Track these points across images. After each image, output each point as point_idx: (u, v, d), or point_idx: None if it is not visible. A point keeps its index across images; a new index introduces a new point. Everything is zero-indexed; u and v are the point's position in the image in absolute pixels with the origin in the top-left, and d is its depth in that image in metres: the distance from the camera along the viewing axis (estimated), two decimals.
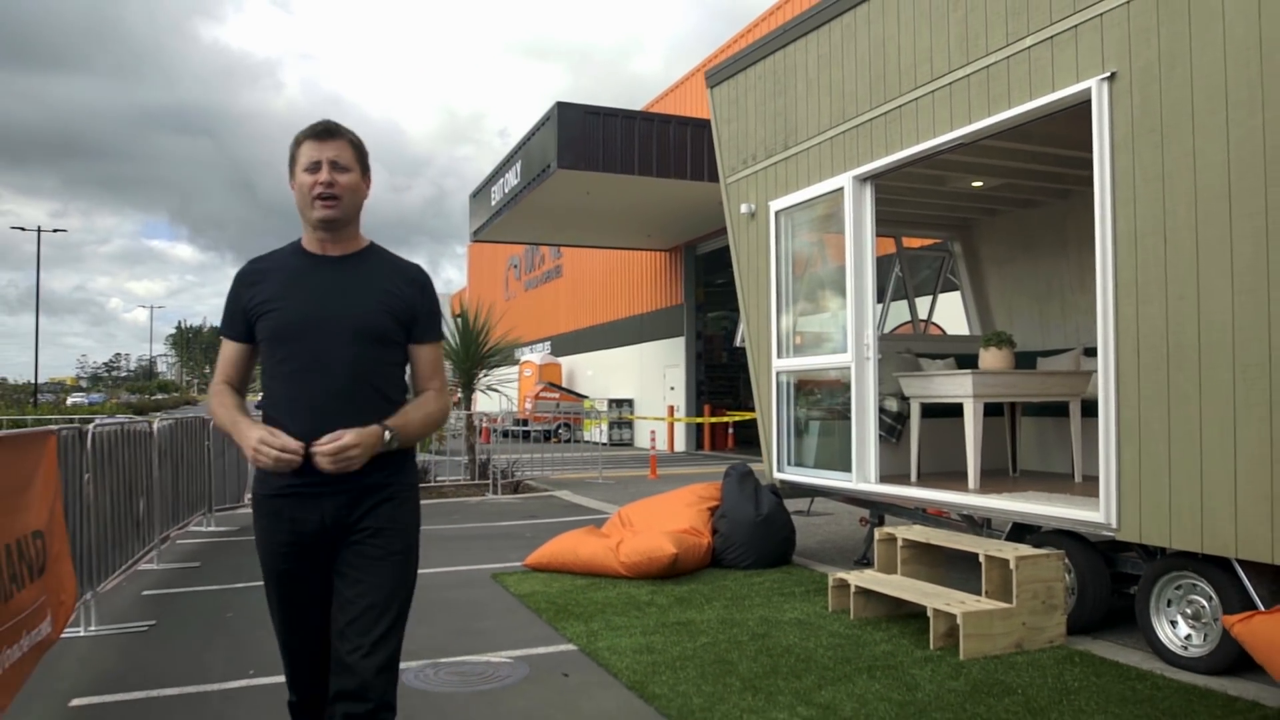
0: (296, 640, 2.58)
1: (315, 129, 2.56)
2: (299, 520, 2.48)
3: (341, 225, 2.56)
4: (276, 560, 2.53)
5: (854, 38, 6.67)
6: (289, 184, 2.60)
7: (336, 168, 2.52)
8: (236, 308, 2.59)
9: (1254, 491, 4.04)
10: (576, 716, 3.95)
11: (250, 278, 2.59)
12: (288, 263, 2.60)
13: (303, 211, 2.56)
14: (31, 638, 3.89)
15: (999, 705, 3.94)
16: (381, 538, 2.51)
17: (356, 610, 2.44)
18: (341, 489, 2.46)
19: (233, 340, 2.61)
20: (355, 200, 2.58)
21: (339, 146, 2.54)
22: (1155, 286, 4.49)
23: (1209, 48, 4.23)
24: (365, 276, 2.59)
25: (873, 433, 6.58)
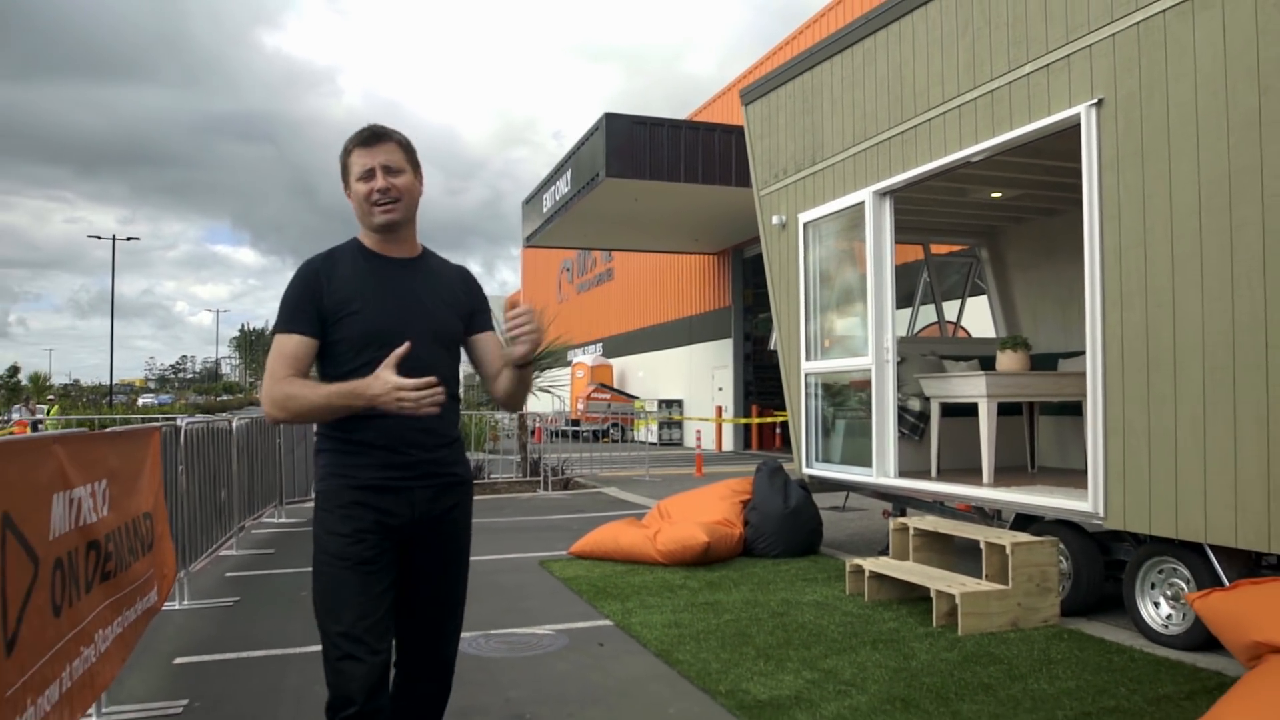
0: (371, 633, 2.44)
1: (363, 135, 2.57)
2: (388, 513, 2.50)
3: (403, 226, 2.60)
4: (362, 549, 2.46)
5: (873, 61, 7.14)
6: (344, 194, 2.63)
7: (390, 171, 2.54)
8: (308, 304, 2.51)
9: (1221, 482, 4.46)
10: (608, 677, 4.50)
11: (323, 274, 2.55)
12: (357, 263, 2.59)
13: (362, 219, 2.59)
14: (143, 603, 4.54)
15: (984, 672, 4.41)
16: (455, 542, 2.66)
17: (434, 609, 2.63)
18: (431, 482, 2.56)
19: (301, 335, 2.50)
20: (412, 200, 2.60)
21: (388, 150, 2.55)
22: (1136, 295, 4.91)
23: (1182, 78, 4.65)
24: (434, 281, 2.65)
25: (892, 430, 7.04)
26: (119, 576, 4.08)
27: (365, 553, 2.47)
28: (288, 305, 2.54)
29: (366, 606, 2.46)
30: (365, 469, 2.49)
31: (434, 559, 2.61)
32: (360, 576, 2.46)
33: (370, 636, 2.44)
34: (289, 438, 10.42)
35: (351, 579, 2.46)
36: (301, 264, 2.62)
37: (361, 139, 2.56)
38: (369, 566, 2.47)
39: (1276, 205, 4.21)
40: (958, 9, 6.23)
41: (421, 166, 2.67)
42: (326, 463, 2.55)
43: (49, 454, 3.20)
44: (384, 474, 2.48)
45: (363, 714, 2.40)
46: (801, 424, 8.08)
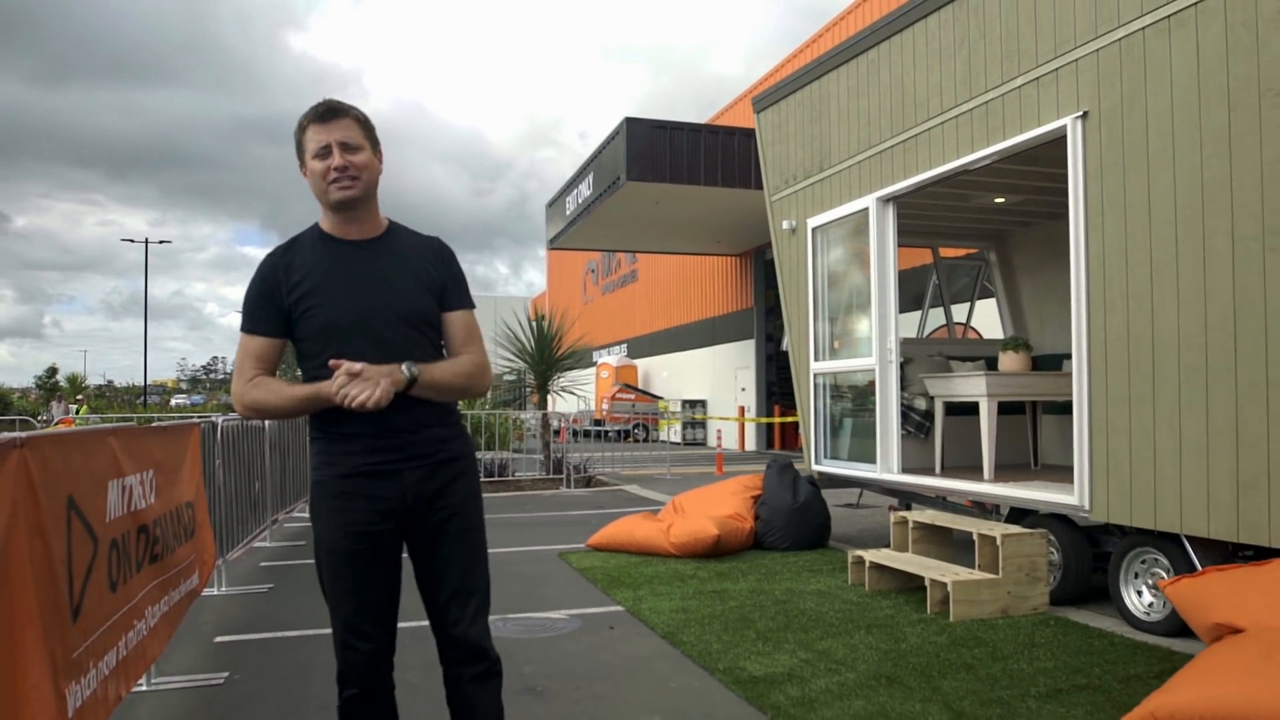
0: (368, 622, 2.54)
1: (318, 111, 2.51)
2: (379, 499, 2.50)
3: (361, 204, 2.53)
4: (351, 541, 2.50)
5: (877, 72, 7.41)
6: (300, 172, 2.57)
7: (347, 148, 2.48)
8: (270, 302, 2.53)
9: (1194, 477, 4.71)
10: (616, 656, 4.81)
11: (282, 271, 2.54)
12: (317, 252, 2.56)
13: (320, 197, 2.53)
14: (186, 586, 4.90)
15: (968, 653, 4.68)
16: (460, 517, 2.61)
17: (451, 588, 2.59)
18: (420, 462, 2.53)
19: (265, 336, 2.53)
20: (371, 177, 2.53)
21: (345, 126, 2.49)
22: (1119, 300, 5.17)
23: (1159, 93, 4.91)
24: (398, 260, 2.58)
25: (895, 428, 7.31)
26: (165, 559, 4.44)
27: (357, 545, 2.50)
28: (248, 304, 2.56)
29: (362, 596, 2.52)
30: (353, 455, 2.49)
31: (441, 538, 2.59)
32: (354, 568, 2.51)
33: (368, 625, 2.53)
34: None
35: (346, 571, 2.52)
36: (263, 258, 2.61)
37: (317, 114, 2.49)
38: (362, 559, 2.51)
39: (1245, 215, 4.45)
40: (954, 23, 6.49)
41: (381, 144, 2.60)
42: (318, 451, 2.57)
43: (105, 444, 3.56)
44: (372, 459, 2.49)
45: (362, 696, 2.56)
46: (811, 422, 8.36)
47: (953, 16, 6.52)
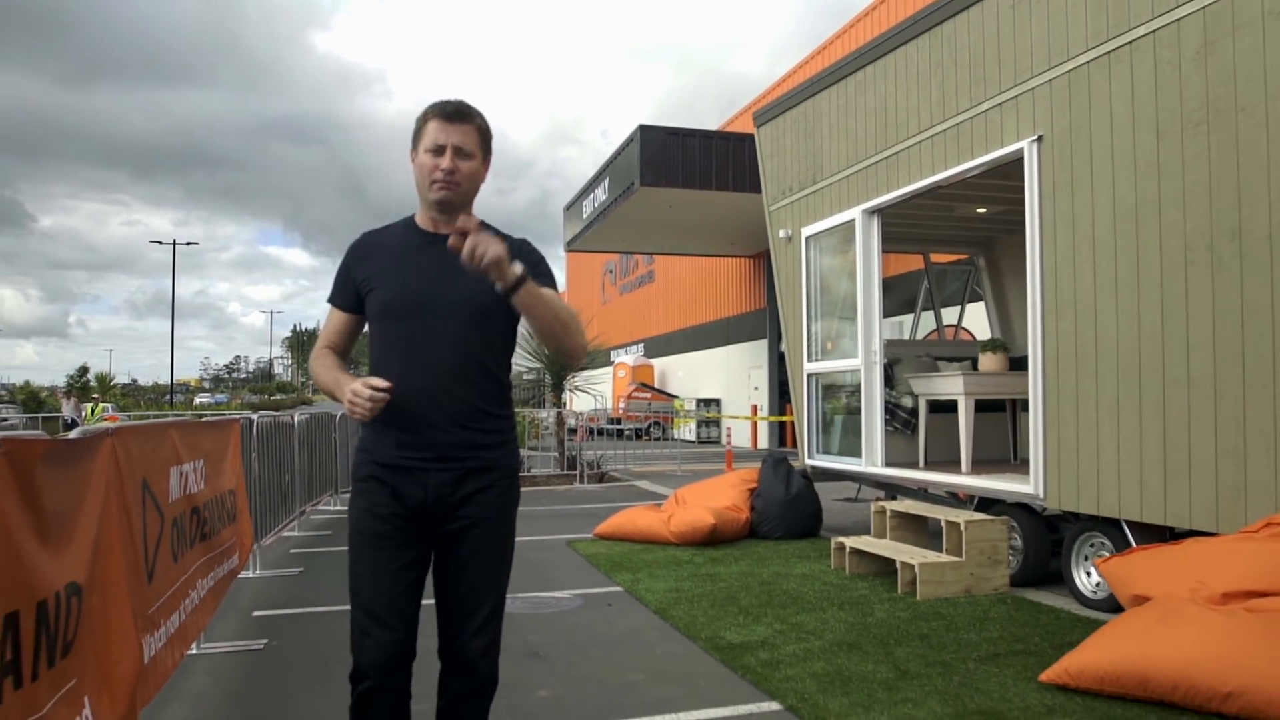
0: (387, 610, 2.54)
1: (446, 109, 2.54)
2: (402, 495, 2.53)
3: (458, 207, 2.56)
4: (377, 523, 2.54)
5: (864, 93, 7.95)
6: (409, 156, 2.61)
7: (460, 154, 2.52)
8: (347, 278, 2.64)
9: (1130, 466, 5.24)
10: (612, 628, 5.39)
11: (362, 251, 2.65)
12: (400, 239, 2.63)
13: (420, 189, 2.58)
14: (228, 565, 5.52)
15: (926, 625, 5.23)
16: (482, 528, 2.57)
17: (460, 597, 2.58)
18: (449, 466, 2.53)
19: (340, 310, 2.67)
20: (473, 185, 2.59)
21: (466, 131, 2.53)
22: (1068, 307, 5.69)
23: (1101, 121, 5.43)
24: None
25: (880, 424, 7.84)
26: (212, 539, 5.06)
27: (380, 527, 2.54)
28: (335, 278, 2.71)
29: (381, 582, 2.53)
30: (384, 447, 2.54)
31: (459, 547, 2.58)
32: (375, 551, 2.54)
33: (387, 613, 2.52)
34: (344, 431, 11.46)
35: (367, 553, 2.56)
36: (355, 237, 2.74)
37: (445, 112, 2.53)
38: (384, 542, 2.54)
39: (1170, 233, 4.97)
40: (930, 50, 7.02)
41: (492, 153, 2.66)
42: (361, 438, 2.65)
43: (168, 436, 4.17)
44: (399, 453, 2.53)
45: (377, 689, 2.54)
46: (804, 419, 8.91)
47: (929, 44, 7.05)
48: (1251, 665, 3.58)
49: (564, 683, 4.33)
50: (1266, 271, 4.48)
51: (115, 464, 3.22)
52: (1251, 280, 4.55)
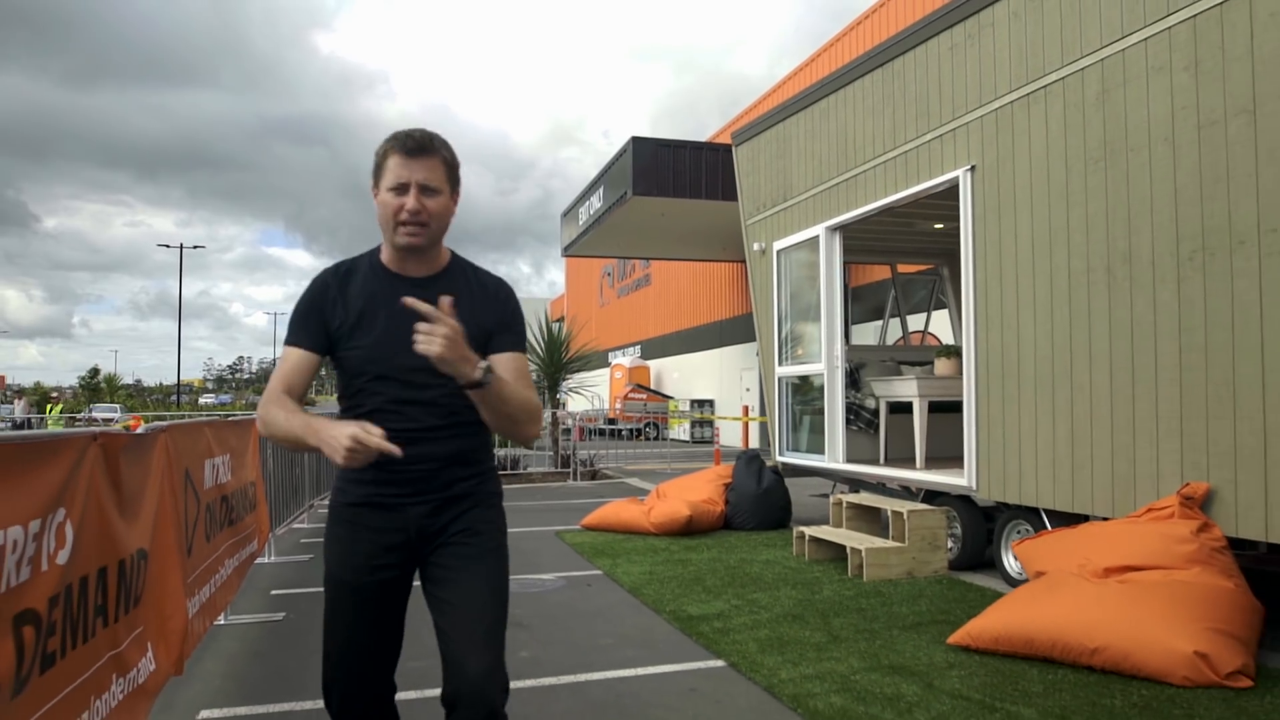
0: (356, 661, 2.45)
1: (407, 144, 2.33)
2: (382, 532, 2.41)
3: (426, 250, 2.41)
4: (354, 574, 2.42)
5: (828, 119, 8.65)
6: (371, 192, 2.40)
7: (426, 191, 2.33)
8: (317, 320, 2.42)
9: (1044, 461, 5.93)
10: (589, 604, 6.08)
11: (334, 290, 2.43)
12: (370, 282, 2.43)
13: (384, 230, 2.39)
14: (249, 549, 6.21)
15: (865, 601, 5.92)
16: (475, 537, 2.45)
17: (458, 612, 2.37)
18: (425, 498, 2.41)
19: (306, 350, 2.41)
20: (442, 225, 2.40)
21: (430, 166, 2.33)
22: (995, 321, 6.39)
23: (1021, 155, 6.13)
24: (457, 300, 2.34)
25: (841, 423, 8.54)
26: (237, 524, 5.76)
27: (354, 577, 2.43)
28: (295, 316, 2.47)
29: (354, 632, 2.44)
30: (363, 485, 2.42)
31: (449, 560, 2.43)
32: (350, 601, 2.44)
33: (358, 663, 2.44)
34: None
35: (341, 603, 2.46)
36: (317, 274, 2.51)
37: (406, 148, 2.33)
38: (359, 592, 2.43)
39: (1076, 255, 5.67)
40: (883, 84, 7.72)
41: (460, 183, 2.47)
42: (336, 478, 2.53)
43: (203, 432, 4.87)
44: (377, 491, 2.41)
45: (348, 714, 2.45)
46: (775, 419, 9.61)
47: (881, 79, 7.75)
48: (1113, 626, 4.27)
49: (543, 646, 5.03)
50: (1150, 291, 5.17)
51: (167, 455, 3.92)
52: (1139, 298, 5.24)
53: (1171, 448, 5.04)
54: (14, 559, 2.24)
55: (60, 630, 2.54)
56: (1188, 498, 4.80)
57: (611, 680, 4.40)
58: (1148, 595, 4.36)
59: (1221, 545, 4.65)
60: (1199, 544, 4.60)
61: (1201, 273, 4.86)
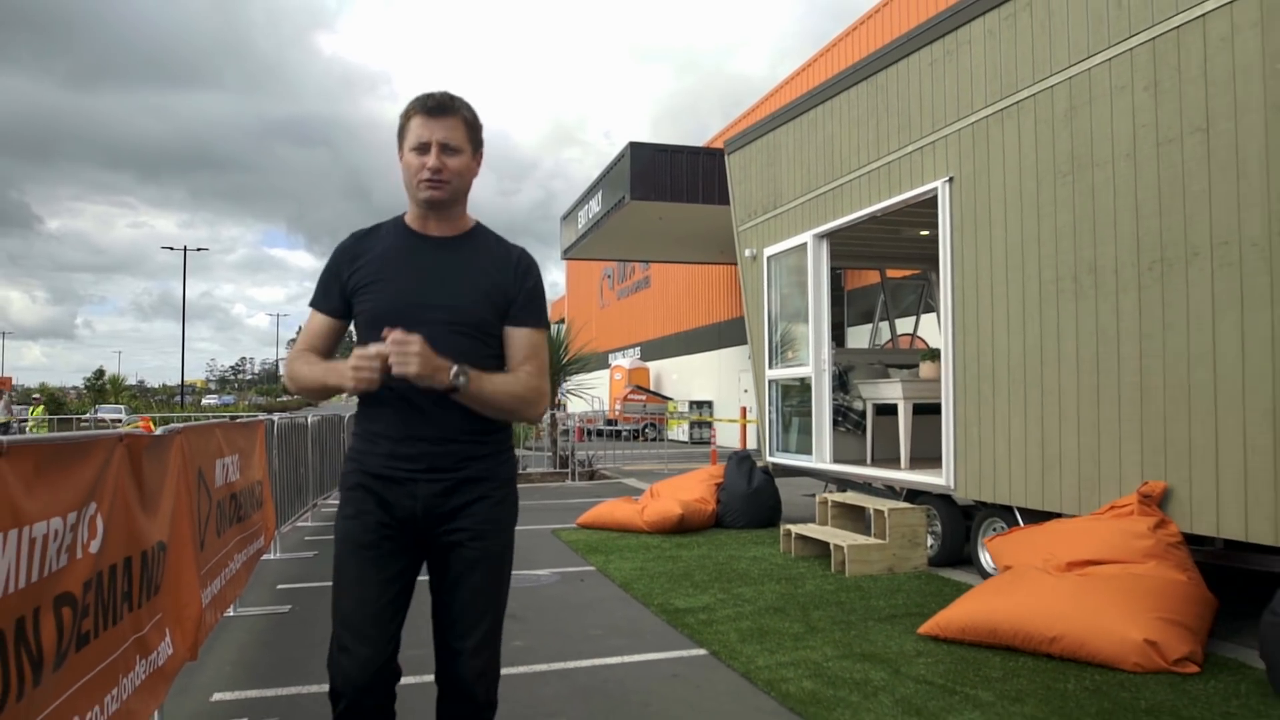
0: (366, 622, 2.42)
1: (428, 104, 2.42)
2: (391, 505, 2.45)
3: (448, 206, 2.48)
4: (362, 532, 2.44)
5: (816, 130, 8.92)
6: (397, 155, 2.50)
7: (447, 150, 2.41)
8: (334, 281, 2.52)
9: (1016, 460, 6.20)
10: (581, 597, 6.35)
11: (352, 252, 2.52)
12: (390, 241, 2.52)
13: (408, 189, 2.47)
14: (256, 545, 6.48)
15: (845, 595, 6.19)
16: (481, 541, 2.48)
17: (455, 614, 2.46)
18: (439, 477, 2.44)
19: (325, 314, 2.53)
20: (464, 182, 2.47)
21: (451, 125, 2.42)
22: (972, 325, 6.65)
23: (996, 168, 6.40)
24: (468, 262, 2.50)
25: (828, 425, 8.81)
26: (245, 521, 6.03)
27: (365, 535, 2.44)
28: (319, 281, 2.58)
29: (363, 594, 2.42)
30: (374, 457, 2.47)
31: (453, 560, 2.48)
32: (359, 560, 2.44)
33: (367, 625, 2.40)
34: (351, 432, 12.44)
35: (351, 562, 2.45)
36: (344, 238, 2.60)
37: (427, 107, 2.42)
38: (367, 551, 2.43)
39: (1046, 265, 5.94)
40: (868, 97, 7.99)
41: (483, 144, 2.55)
42: (351, 448, 2.58)
43: (214, 434, 5.15)
44: (389, 463, 2.45)
45: (352, 708, 2.41)
46: (765, 420, 9.88)
47: (867, 92, 8.02)
48: (1071, 616, 4.54)
49: (536, 636, 5.30)
50: (1114, 300, 5.44)
51: (182, 455, 4.19)
52: (1103, 307, 5.51)
53: (1132, 448, 5.31)
54: (55, 546, 2.51)
55: (93, 612, 2.82)
56: (1146, 496, 5.06)
57: (598, 667, 4.68)
58: (1103, 587, 4.63)
59: (1177, 541, 4.91)
60: (1155, 540, 4.86)
61: (1160, 283, 5.13)
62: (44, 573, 2.44)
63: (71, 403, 49.26)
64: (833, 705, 3.98)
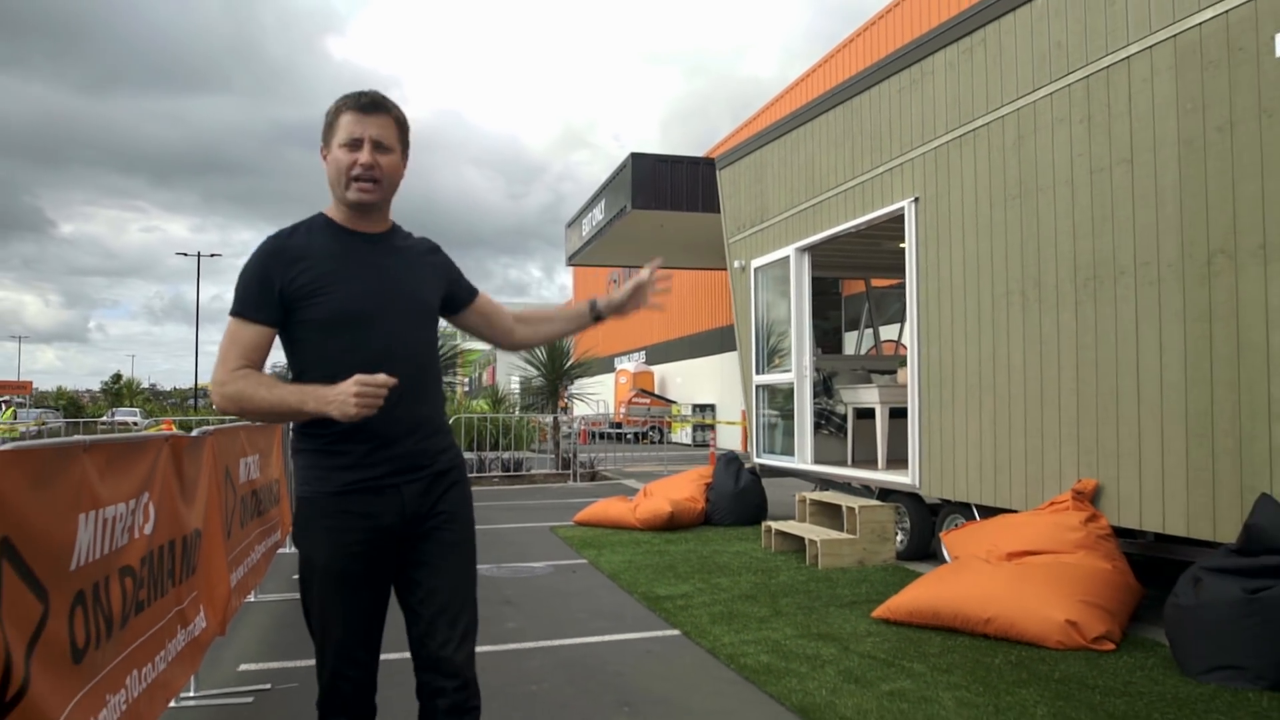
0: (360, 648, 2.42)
1: (360, 101, 2.37)
2: (375, 515, 2.38)
3: (378, 208, 2.46)
4: (346, 562, 2.37)
5: (798, 149, 9.46)
6: (320, 152, 2.43)
7: (379, 148, 2.37)
8: (268, 288, 2.33)
9: (973, 461, 6.73)
10: (572, 587, 6.90)
11: (284, 255, 2.36)
12: (325, 240, 2.42)
13: (334, 189, 2.41)
14: (273, 538, 7.05)
15: (814, 585, 6.72)
16: (456, 523, 2.51)
17: (441, 601, 2.45)
18: (417, 474, 2.43)
19: (260, 324, 2.35)
20: (393, 183, 2.44)
21: (383, 123, 2.38)
22: (934, 335, 7.19)
23: (955, 190, 6.93)
24: (404, 256, 2.51)
25: (810, 427, 9.34)
26: (264, 516, 6.60)
27: (350, 565, 2.38)
28: (244, 287, 2.36)
29: (354, 622, 2.40)
30: (346, 470, 2.36)
31: (433, 545, 2.48)
32: (348, 590, 2.39)
33: (360, 651, 2.42)
34: None
35: (339, 594, 2.40)
36: (261, 243, 2.43)
37: (360, 104, 2.37)
38: (355, 581, 2.39)
39: (998, 279, 6.47)
40: (844, 120, 8.53)
41: (410, 146, 2.51)
42: (305, 465, 2.44)
43: (238, 435, 5.71)
44: (367, 474, 2.36)
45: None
46: (753, 423, 10.42)
47: (843, 115, 8.56)
48: (1003, 599, 5.07)
49: (527, 618, 5.85)
50: (1054, 313, 5.97)
51: (213, 454, 4.75)
52: (1045, 319, 6.04)
53: (1070, 449, 5.84)
54: (120, 526, 3.07)
55: (146, 584, 3.38)
56: (1079, 493, 5.59)
57: (580, 645, 5.22)
58: (1033, 574, 5.16)
59: (1106, 533, 5.44)
60: (1086, 532, 5.39)
61: (1093, 298, 5.66)
62: (112, 547, 3.00)
63: (88, 406, 50.09)
64: (783, 675, 4.52)
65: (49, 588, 2.49)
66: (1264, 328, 4.58)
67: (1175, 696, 4.10)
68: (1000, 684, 4.32)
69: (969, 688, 4.28)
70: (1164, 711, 3.92)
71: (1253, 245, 4.64)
